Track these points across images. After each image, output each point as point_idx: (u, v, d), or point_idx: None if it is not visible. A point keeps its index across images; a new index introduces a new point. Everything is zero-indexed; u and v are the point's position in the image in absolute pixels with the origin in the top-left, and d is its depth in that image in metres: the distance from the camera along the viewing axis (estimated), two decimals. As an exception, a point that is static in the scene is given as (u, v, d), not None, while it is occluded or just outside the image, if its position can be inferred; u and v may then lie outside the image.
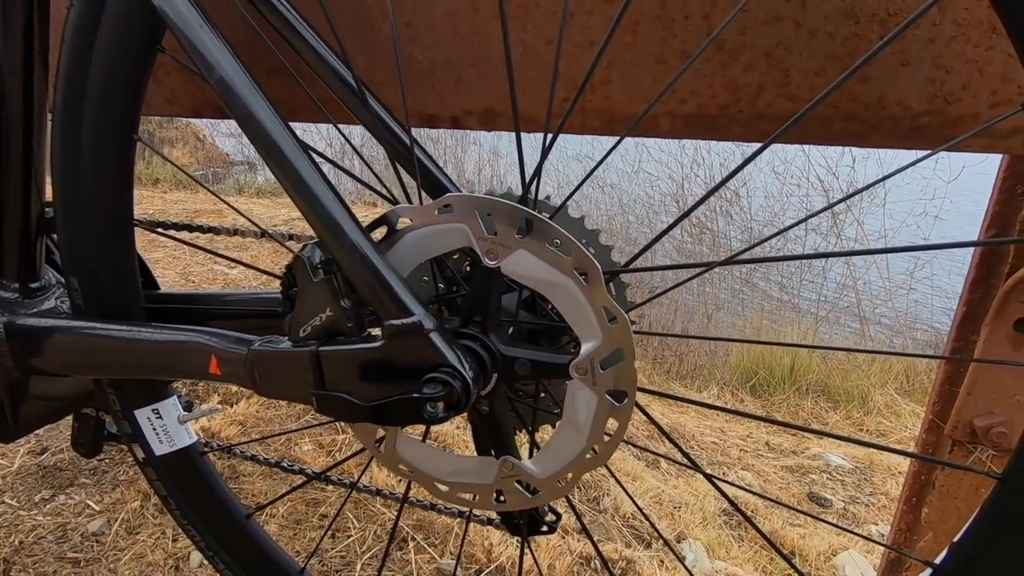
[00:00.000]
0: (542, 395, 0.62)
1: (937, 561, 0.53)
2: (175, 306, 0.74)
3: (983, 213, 0.82)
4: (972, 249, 0.87)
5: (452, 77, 0.69)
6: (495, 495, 0.53)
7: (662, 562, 1.22)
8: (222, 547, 0.77)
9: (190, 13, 0.54)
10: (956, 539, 0.52)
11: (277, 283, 0.52)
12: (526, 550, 0.82)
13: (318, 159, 0.53)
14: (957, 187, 3.80)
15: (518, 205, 0.45)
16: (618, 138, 0.56)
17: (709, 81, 0.63)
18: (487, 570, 1.04)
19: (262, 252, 2.78)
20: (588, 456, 0.50)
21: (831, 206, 0.67)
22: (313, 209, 0.47)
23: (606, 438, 0.49)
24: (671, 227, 0.56)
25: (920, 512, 1.00)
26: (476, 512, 1.01)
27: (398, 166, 0.61)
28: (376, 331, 0.51)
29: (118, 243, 0.68)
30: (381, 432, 0.55)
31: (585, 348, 0.47)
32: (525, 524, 0.64)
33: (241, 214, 0.72)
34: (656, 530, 0.87)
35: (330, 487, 1.15)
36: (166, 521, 1.10)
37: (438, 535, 1.10)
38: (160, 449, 0.75)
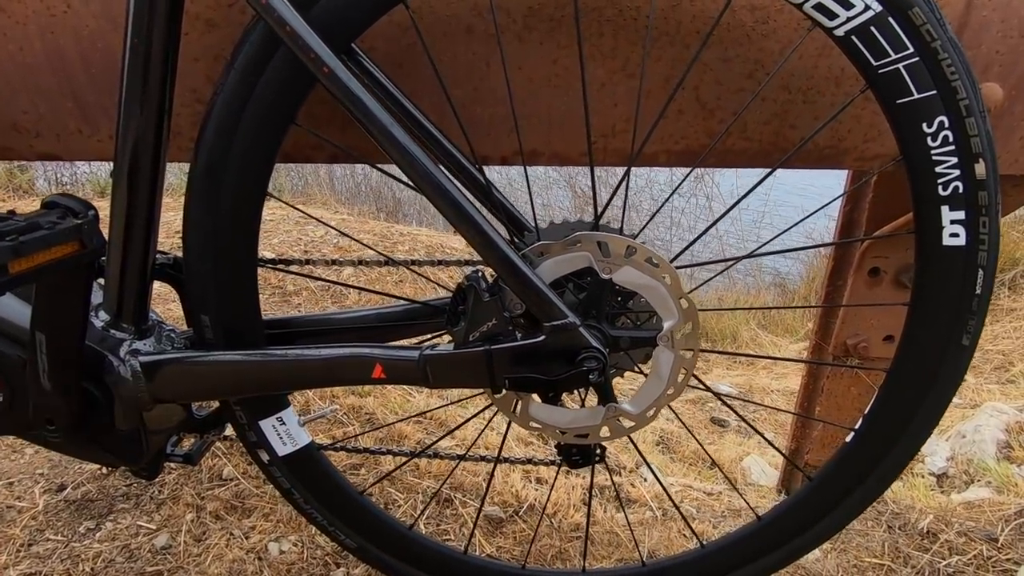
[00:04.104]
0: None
1: (855, 427, 0.87)
2: (293, 330, 0.87)
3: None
4: (823, 216, 1.26)
5: (506, 128, 0.90)
6: (602, 431, 0.78)
7: (633, 484, 1.56)
8: (342, 521, 0.93)
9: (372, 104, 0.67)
10: (866, 410, 0.86)
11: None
12: (584, 474, 1.06)
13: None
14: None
15: (625, 237, 0.69)
16: (688, 169, 0.81)
17: (695, 130, 0.90)
18: (522, 509, 1.29)
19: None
20: (668, 394, 0.76)
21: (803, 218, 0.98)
22: (488, 247, 0.67)
23: (679, 380, 0.75)
24: (708, 228, 0.83)
25: (813, 410, 1.42)
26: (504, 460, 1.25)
27: (491, 208, 0.81)
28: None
29: (247, 282, 0.80)
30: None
31: (666, 325, 0.73)
32: (590, 457, 0.89)
33: (355, 239, 0.86)
34: (648, 466, 1.16)
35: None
36: (228, 525, 1.20)
37: (473, 492, 1.32)
38: (283, 450, 0.89)
